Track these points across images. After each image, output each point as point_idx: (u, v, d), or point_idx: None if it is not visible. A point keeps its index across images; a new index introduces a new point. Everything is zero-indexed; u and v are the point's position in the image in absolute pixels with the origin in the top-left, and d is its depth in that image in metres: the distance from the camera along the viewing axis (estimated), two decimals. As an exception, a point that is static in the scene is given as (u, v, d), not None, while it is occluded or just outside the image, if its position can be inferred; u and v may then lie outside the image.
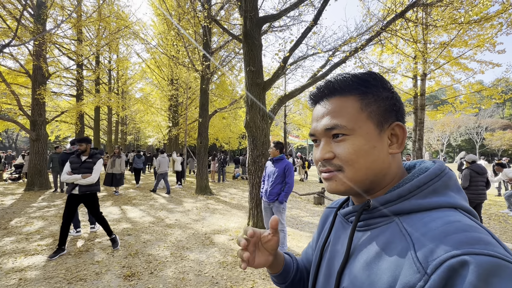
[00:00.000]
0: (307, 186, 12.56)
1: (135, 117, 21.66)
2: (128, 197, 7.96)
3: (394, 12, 4.65)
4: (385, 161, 0.47)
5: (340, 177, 0.47)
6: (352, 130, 0.46)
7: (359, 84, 0.48)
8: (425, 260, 0.34)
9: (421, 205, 0.42)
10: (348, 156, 0.46)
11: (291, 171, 3.51)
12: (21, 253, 3.64)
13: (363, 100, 0.47)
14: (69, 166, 3.65)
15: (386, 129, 0.47)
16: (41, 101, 8.84)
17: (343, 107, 0.48)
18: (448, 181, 0.45)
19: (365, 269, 0.42)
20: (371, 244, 0.44)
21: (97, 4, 11.43)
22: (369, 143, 0.46)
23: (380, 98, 0.48)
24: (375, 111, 0.47)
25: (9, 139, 42.43)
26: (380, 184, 0.49)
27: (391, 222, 0.44)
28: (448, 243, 0.34)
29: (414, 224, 0.40)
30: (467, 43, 7.36)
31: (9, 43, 5.84)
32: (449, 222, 0.37)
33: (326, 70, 4.71)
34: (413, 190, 0.44)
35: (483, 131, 38.04)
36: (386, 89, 0.48)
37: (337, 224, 0.58)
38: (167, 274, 3.14)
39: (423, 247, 0.36)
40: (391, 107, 0.48)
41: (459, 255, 0.32)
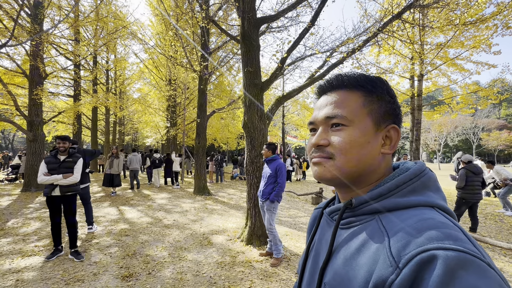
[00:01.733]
0: (305, 186, 12.58)
1: (133, 118, 21.60)
2: (125, 198, 7.93)
3: (391, 13, 4.68)
4: (376, 158, 0.50)
5: (329, 164, 0.50)
6: (351, 122, 0.49)
7: (366, 82, 0.51)
8: (398, 255, 0.36)
9: (400, 203, 0.45)
10: (343, 144, 0.49)
11: (282, 171, 3.54)
12: (18, 254, 3.62)
13: (367, 98, 0.51)
14: (45, 167, 3.43)
15: (382, 129, 0.50)
16: (38, 101, 8.79)
17: (347, 100, 0.51)
18: (427, 181, 0.47)
19: (345, 265, 0.44)
20: (352, 241, 0.46)
21: (95, 4, 11.41)
22: (365, 137, 0.49)
23: (383, 100, 0.51)
24: (376, 110, 0.50)
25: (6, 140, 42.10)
26: (367, 180, 0.51)
27: (371, 220, 0.46)
28: (420, 238, 0.36)
29: (392, 221, 0.43)
30: (463, 44, 7.42)
31: (6, 43, 5.81)
32: (423, 219, 0.40)
33: (324, 71, 4.72)
34: (392, 189, 0.46)
35: (479, 131, 38.33)
36: (390, 95, 0.52)
37: (322, 223, 0.60)
38: (165, 274, 3.14)
39: (397, 243, 0.38)
40: (391, 111, 0.51)
41: (429, 249, 0.34)
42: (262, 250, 3.89)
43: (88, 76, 15.17)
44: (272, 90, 15.63)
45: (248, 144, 4.28)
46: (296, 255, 3.82)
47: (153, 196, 8.43)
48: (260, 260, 3.61)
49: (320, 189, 8.06)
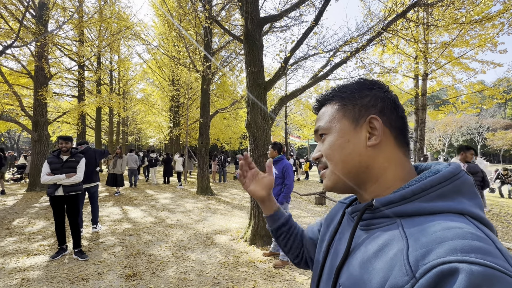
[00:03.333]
0: (308, 186, 12.54)
1: (136, 118, 21.71)
2: (129, 198, 7.98)
3: (395, 12, 4.64)
4: (363, 153, 0.50)
5: (327, 173, 0.54)
6: (328, 129, 0.54)
7: (338, 91, 0.56)
8: (416, 264, 0.34)
9: (425, 208, 0.42)
10: (326, 151, 0.54)
11: (289, 172, 3.51)
12: (23, 253, 3.65)
13: (340, 103, 0.55)
14: (48, 167, 3.43)
15: (362, 124, 0.51)
16: (43, 101, 8.88)
17: (326, 112, 0.57)
18: (460, 186, 0.43)
19: (361, 267, 0.43)
20: (371, 243, 0.45)
21: (99, 5, 11.48)
22: (342, 138, 0.52)
23: (357, 97, 0.53)
24: (350, 109, 0.53)
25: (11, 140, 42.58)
26: (370, 178, 0.51)
27: (393, 223, 0.44)
28: (442, 248, 0.33)
29: (413, 227, 0.40)
30: (468, 43, 7.34)
31: (12, 44, 5.87)
32: (449, 227, 0.36)
33: (327, 70, 4.70)
34: (418, 193, 0.43)
35: (484, 131, 37.93)
36: (366, 89, 0.54)
37: (344, 222, 0.59)
38: (168, 274, 3.15)
39: (416, 251, 0.35)
40: (370, 102, 0.52)
41: (451, 261, 0.31)
42: (266, 250, 3.88)
43: (92, 76, 15.27)
44: (275, 90, 15.61)
45: (251, 144, 4.27)
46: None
47: (156, 196, 8.46)
48: (264, 260, 3.60)
49: (323, 189, 8.02)
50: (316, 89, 14.23)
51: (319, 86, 13.98)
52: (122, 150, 8.60)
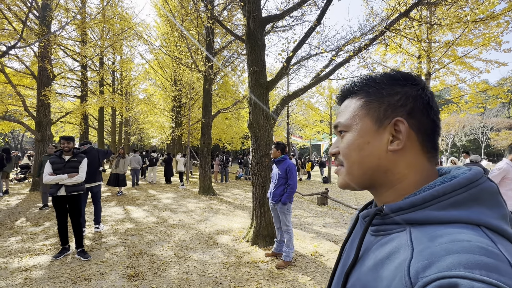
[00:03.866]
0: (310, 186, 12.52)
1: (138, 118, 21.78)
2: (131, 198, 8.00)
3: (398, 11, 4.61)
4: (382, 157, 0.47)
5: (342, 171, 0.52)
6: (348, 127, 0.51)
7: (364, 85, 0.51)
8: (416, 276, 0.33)
9: (435, 217, 0.39)
10: (343, 150, 0.51)
11: (293, 172, 3.49)
12: (27, 252, 3.67)
13: (365, 99, 0.50)
14: (50, 167, 3.46)
15: (386, 125, 0.47)
16: (46, 102, 8.93)
17: (347, 107, 0.53)
18: (478, 194, 0.40)
19: (367, 274, 0.42)
20: (379, 250, 0.43)
21: (101, 5, 11.53)
22: (362, 138, 0.48)
23: (384, 95, 0.48)
24: (374, 108, 0.49)
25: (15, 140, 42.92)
26: (385, 182, 0.48)
27: (402, 231, 0.42)
28: (445, 262, 0.32)
29: (421, 236, 0.38)
30: (472, 42, 7.27)
31: (15, 45, 5.91)
32: (456, 240, 0.34)
33: (330, 70, 4.68)
34: (428, 200, 0.41)
35: (488, 131, 37.59)
36: (398, 85, 0.48)
37: (357, 226, 0.59)
38: (171, 274, 3.15)
39: (418, 262, 0.34)
40: (398, 102, 0.47)
41: (452, 276, 0.30)
42: (268, 251, 3.86)
43: (94, 77, 15.37)
44: (277, 90, 15.58)
45: (253, 144, 4.26)
46: (302, 256, 3.79)
47: (159, 196, 8.48)
48: (266, 260, 3.59)
49: (325, 189, 8.00)
50: (318, 89, 14.21)
51: (321, 85, 13.96)
52: (124, 150, 8.65)
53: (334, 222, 5.78)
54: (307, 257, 3.78)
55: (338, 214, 6.57)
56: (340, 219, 6.06)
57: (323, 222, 5.75)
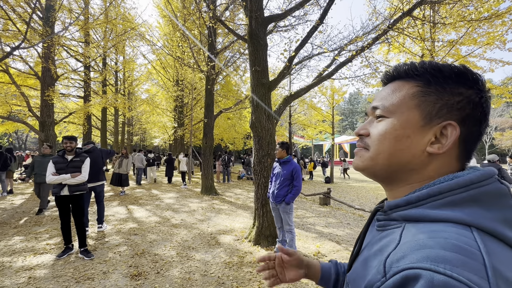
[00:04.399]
0: (313, 186, 12.49)
1: (141, 118, 21.89)
2: (134, 197, 8.03)
3: (401, 10, 4.58)
4: (417, 156, 0.44)
5: (363, 154, 0.50)
6: (391, 113, 0.47)
7: (427, 72, 0.45)
8: (390, 266, 0.36)
9: (427, 215, 0.40)
10: (377, 135, 0.47)
11: (299, 174, 3.48)
12: (30, 252, 3.70)
13: (421, 88, 0.45)
14: (53, 167, 3.47)
15: (434, 125, 0.43)
16: (49, 102, 8.99)
17: (397, 90, 0.48)
18: (478, 195, 0.39)
19: (363, 264, 0.46)
20: (376, 243, 0.46)
21: (104, 6, 11.60)
22: (403, 130, 0.45)
23: (446, 91, 0.44)
24: (429, 102, 0.44)
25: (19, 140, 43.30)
26: (406, 179, 0.47)
27: (399, 227, 0.44)
28: (416, 255, 0.34)
29: (409, 232, 0.40)
30: (476, 41, 7.21)
31: (19, 45, 5.97)
32: (435, 236, 0.36)
33: (332, 70, 4.66)
34: (423, 199, 0.41)
35: (492, 131, 37.26)
36: (464, 86, 0.43)
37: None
38: (173, 274, 3.15)
39: (395, 254, 0.37)
40: (457, 105, 0.43)
41: (417, 268, 0.32)
42: (271, 251, 3.86)
43: (97, 77, 15.46)
44: (279, 90, 15.56)
45: (255, 144, 4.26)
46: (305, 256, 3.78)
47: (161, 195, 8.50)
48: (268, 260, 3.58)
49: (328, 189, 7.97)
50: (320, 89, 14.17)
51: (323, 85, 13.92)
52: (127, 150, 8.71)
53: (337, 222, 5.75)
54: (310, 257, 3.77)
55: (341, 214, 6.55)
56: (342, 219, 6.04)
57: (325, 222, 5.73)
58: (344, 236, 4.75)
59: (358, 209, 6.58)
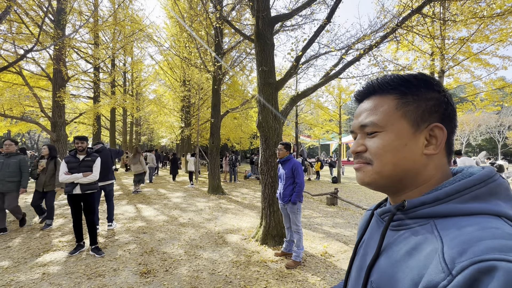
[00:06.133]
0: (320, 186, 12.42)
1: (148, 118, 22.18)
2: (142, 196, 8.15)
3: (410, 7, 4.50)
4: (417, 160, 0.48)
5: (368, 169, 0.51)
6: (383, 127, 0.50)
7: (399, 84, 0.50)
8: (452, 262, 0.34)
9: (459, 209, 0.42)
10: (377, 150, 0.49)
11: (299, 170, 3.47)
12: (44, 248, 3.80)
13: (400, 100, 0.50)
14: (65, 166, 3.56)
15: (423, 130, 0.48)
16: (61, 103, 9.21)
17: (379, 106, 0.51)
18: (495, 188, 0.43)
19: (394, 266, 0.44)
20: (403, 243, 0.45)
21: (113, 8, 11.79)
22: (400, 140, 0.48)
23: (421, 98, 0.49)
24: (412, 110, 0.49)
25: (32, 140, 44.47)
26: (412, 184, 0.49)
27: (425, 224, 0.45)
28: (479, 247, 0.34)
29: (448, 227, 0.40)
30: (488, 38, 7.03)
31: (32, 48, 6.12)
32: (486, 227, 0.37)
33: (340, 69, 4.63)
34: (451, 194, 0.44)
35: (505, 130, 36.19)
36: (432, 91, 0.49)
37: (372, 223, 0.60)
38: (181, 272, 3.19)
39: (451, 249, 0.36)
40: (434, 108, 0.49)
41: (489, 259, 0.32)
42: (278, 250, 3.86)
43: (106, 78, 15.74)
44: (285, 90, 15.52)
45: (262, 144, 4.26)
46: (312, 256, 3.77)
47: (169, 194, 8.61)
48: (276, 260, 3.59)
49: (335, 189, 7.92)
50: (327, 88, 14.07)
51: (330, 84, 13.81)
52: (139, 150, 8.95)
53: (344, 222, 5.71)
54: (317, 257, 3.76)
55: (348, 214, 6.50)
56: (350, 219, 5.99)
57: (332, 222, 5.70)
58: (352, 237, 4.71)
59: (366, 210, 6.51)
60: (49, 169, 4.88)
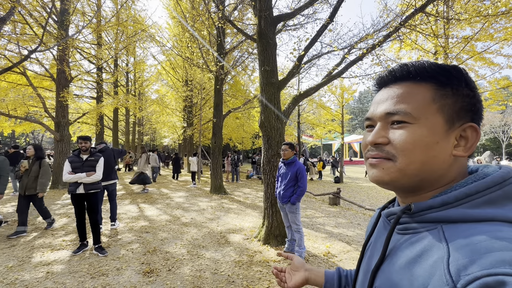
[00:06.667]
0: (322, 186, 12.39)
1: (151, 118, 22.24)
2: (145, 196, 8.19)
3: (414, 6, 4.47)
4: (446, 161, 0.43)
5: (388, 166, 0.45)
6: (416, 119, 0.43)
7: (439, 73, 0.44)
8: (457, 274, 0.32)
9: (470, 215, 0.39)
10: (405, 144, 0.43)
11: (303, 175, 3.48)
12: (48, 247, 3.83)
13: (438, 91, 0.44)
14: (69, 166, 3.58)
15: (456, 128, 0.44)
16: (64, 103, 9.27)
17: (412, 94, 0.45)
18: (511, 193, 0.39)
19: (398, 272, 0.41)
20: (409, 248, 0.43)
21: (115, 9, 11.84)
22: (433, 137, 0.42)
23: (460, 93, 0.44)
24: (449, 105, 0.43)
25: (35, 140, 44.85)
26: (433, 185, 0.45)
27: (433, 229, 0.42)
28: (488, 260, 0.31)
29: (456, 234, 0.37)
30: (492, 36, 6.96)
31: (36, 48, 6.16)
32: (497, 238, 0.33)
33: (342, 68, 4.61)
34: (461, 198, 0.40)
35: (510, 130, 35.85)
36: (469, 87, 0.44)
37: (379, 224, 0.58)
38: (184, 271, 3.20)
39: (457, 260, 0.33)
40: (469, 106, 0.44)
41: (497, 274, 0.29)
42: (280, 250, 3.86)
43: (109, 78, 15.81)
44: (287, 89, 15.49)
45: (265, 144, 4.26)
46: (315, 256, 3.76)
47: (171, 194, 8.63)
48: (278, 260, 3.59)
49: (337, 189, 7.89)
50: (329, 88, 14.03)
51: (333, 84, 13.77)
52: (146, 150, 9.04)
53: (347, 222, 5.69)
54: (320, 257, 3.75)
55: (351, 214, 6.47)
56: (352, 219, 5.97)
57: (335, 222, 5.68)
58: (355, 237, 4.69)
59: (368, 210, 6.48)
60: (33, 170, 4.41)
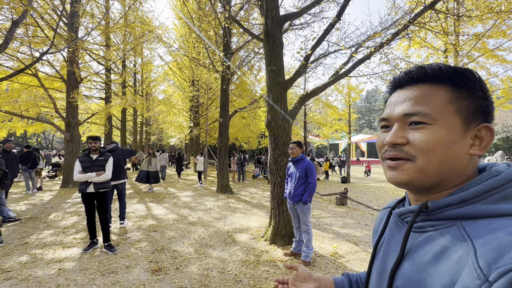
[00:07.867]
0: (329, 186, 12.30)
1: (158, 118, 22.51)
2: (152, 195, 8.29)
3: (423, 3, 4.39)
4: (463, 160, 0.45)
5: (408, 167, 0.46)
6: (435, 120, 0.45)
7: (456, 76, 0.46)
8: (488, 268, 0.33)
9: (488, 211, 0.40)
10: (425, 144, 0.44)
11: (312, 171, 3.45)
12: (59, 245, 3.92)
13: (455, 93, 0.46)
14: (79, 165, 3.66)
15: (472, 128, 0.45)
16: (74, 104, 9.46)
17: (430, 96, 0.46)
18: None
19: (421, 270, 0.42)
20: (428, 246, 0.43)
21: (123, 10, 12.01)
22: (451, 137, 0.44)
23: (475, 95, 0.46)
24: (466, 106, 0.45)
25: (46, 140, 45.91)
26: (448, 183, 0.46)
27: (452, 226, 0.43)
28: None
29: (478, 230, 0.39)
30: (505, 33, 6.78)
31: (47, 51, 6.30)
32: None
33: (350, 67, 4.57)
34: (479, 195, 0.42)
35: (520, 129, 34.82)
36: (482, 90, 0.46)
37: (391, 223, 0.58)
38: (192, 270, 3.23)
39: (486, 254, 0.34)
40: (483, 107, 0.46)
41: None
42: (287, 250, 3.85)
43: (117, 79, 16.06)
44: (294, 89, 15.45)
45: (271, 143, 4.26)
46: (322, 257, 3.74)
47: (178, 194, 8.72)
48: (285, 260, 3.58)
49: (345, 189, 7.82)
50: (336, 87, 13.91)
51: (339, 83, 13.65)
52: (154, 150, 9.15)
53: (354, 223, 5.64)
54: (327, 257, 3.73)
55: (358, 215, 6.41)
56: (360, 220, 5.91)
57: (342, 222, 5.63)
58: (362, 237, 4.65)
59: (376, 210, 6.41)
60: None
